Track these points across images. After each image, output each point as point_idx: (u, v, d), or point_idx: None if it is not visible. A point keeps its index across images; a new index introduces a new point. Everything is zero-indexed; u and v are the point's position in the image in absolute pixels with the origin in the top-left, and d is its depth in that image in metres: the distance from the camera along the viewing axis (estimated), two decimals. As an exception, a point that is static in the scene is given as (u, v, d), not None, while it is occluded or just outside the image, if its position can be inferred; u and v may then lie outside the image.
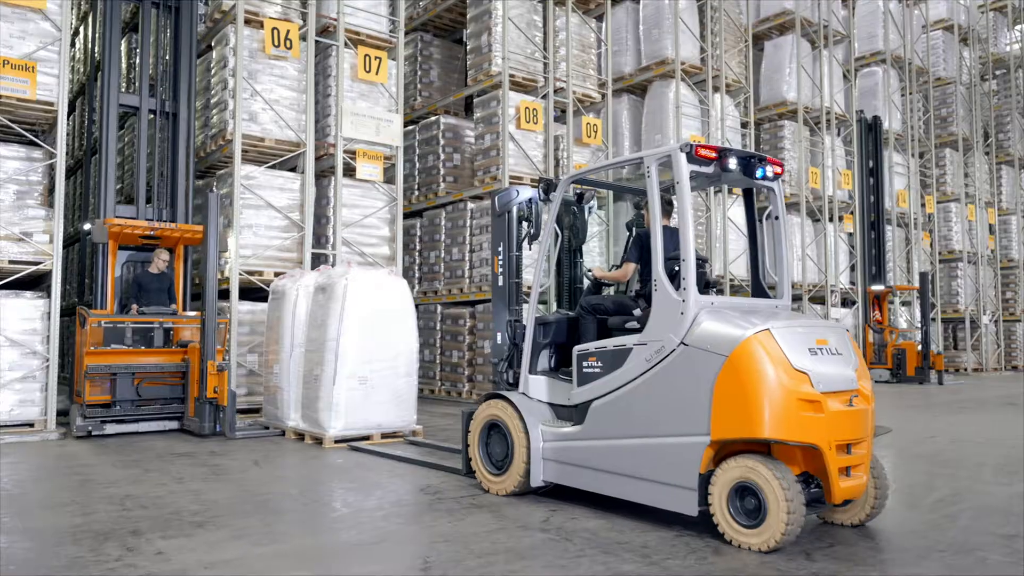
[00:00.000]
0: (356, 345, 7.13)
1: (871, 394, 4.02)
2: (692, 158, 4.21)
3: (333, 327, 7.16)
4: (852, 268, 17.45)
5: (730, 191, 14.21)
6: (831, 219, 16.63)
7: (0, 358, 7.45)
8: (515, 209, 5.45)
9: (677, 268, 4.22)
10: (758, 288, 4.82)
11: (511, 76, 11.34)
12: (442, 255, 12.32)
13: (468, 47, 12.12)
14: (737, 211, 14.91)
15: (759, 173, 4.44)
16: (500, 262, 5.45)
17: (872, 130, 17.66)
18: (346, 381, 7.09)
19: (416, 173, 12.99)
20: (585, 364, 4.57)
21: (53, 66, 7.86)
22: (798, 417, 3.69)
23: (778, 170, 4.54)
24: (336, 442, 7.05)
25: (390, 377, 7.33)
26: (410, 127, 13.18)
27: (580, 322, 4.95)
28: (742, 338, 3.78)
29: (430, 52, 13.62)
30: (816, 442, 3.70)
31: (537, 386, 4.97)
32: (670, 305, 4.13)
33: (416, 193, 12.96)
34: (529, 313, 5.07)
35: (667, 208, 4.78)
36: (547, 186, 5.27)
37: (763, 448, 3.85)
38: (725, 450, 3.92)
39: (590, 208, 5.83)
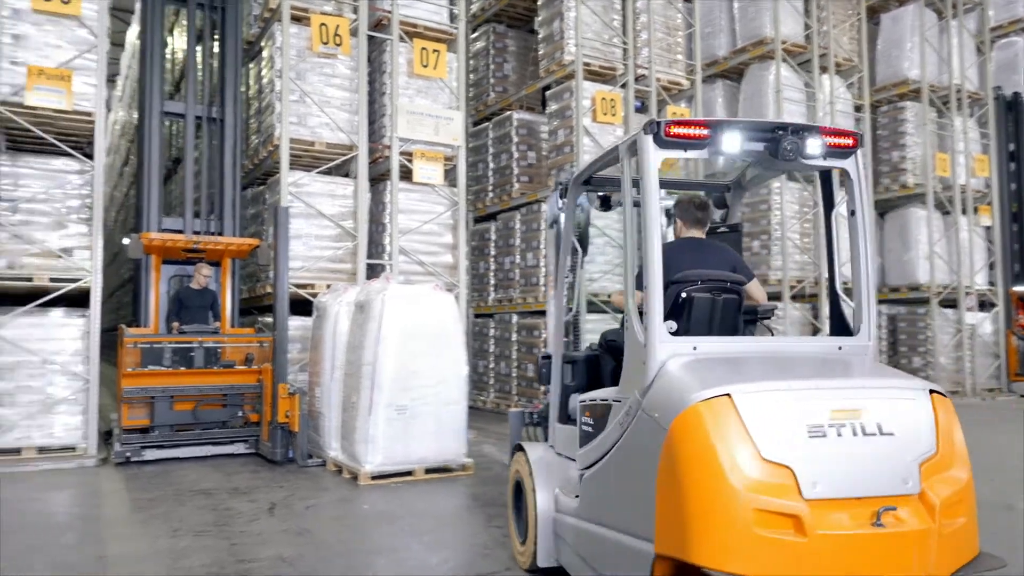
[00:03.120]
0: (394, 370, 6.35)
1: (955, 500, 2.50)
2: (662, 140, 3.03)
3: (369, 350, 6.42)
4: (991, 266, 15.31)
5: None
6: (964, 211, 14.59)
7: (40, 380, 7.17)
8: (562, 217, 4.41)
9: (684, 294, 3.26)
10: (837, 322, 3.44)
11: (585, 64, 10.33)
12: (517, 261, 11.45)
13: (540, 35, 11.20)
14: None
15: (801, 151, 3.07)
16: (555, 282, 4.47)
17: (1012, 109, 15.46)
18: (383, 410, 6.32)
19: (490, 174, 12.18)
20: (583, 420, 3.53)
21: (91, 75, 7.51)
22: (753, 539, 2.37)
23: (839, 141, 3.14)
24: (373, 478, 6.30)
25: (434, 405, 6.52)
26: (484, 124, 12.41)
27: (600, 361, 3.97)
28: (685, 404, 2.58)
29: (504, 44, 12.76)
30: None
31: (563, 438, 3.89)
32: (636, 350, 3.06)
33: (491, 195, 12.15)
34: (554, 348, 4.11)
35: (698, 215, 3.79)
36: (564, 189, 4.23)
37: None
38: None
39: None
